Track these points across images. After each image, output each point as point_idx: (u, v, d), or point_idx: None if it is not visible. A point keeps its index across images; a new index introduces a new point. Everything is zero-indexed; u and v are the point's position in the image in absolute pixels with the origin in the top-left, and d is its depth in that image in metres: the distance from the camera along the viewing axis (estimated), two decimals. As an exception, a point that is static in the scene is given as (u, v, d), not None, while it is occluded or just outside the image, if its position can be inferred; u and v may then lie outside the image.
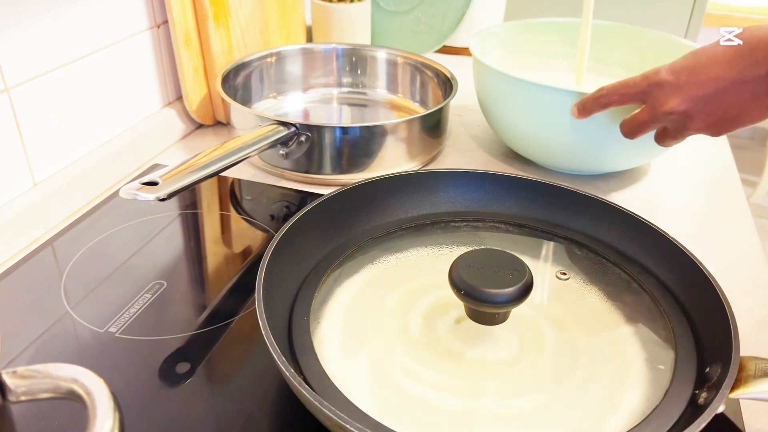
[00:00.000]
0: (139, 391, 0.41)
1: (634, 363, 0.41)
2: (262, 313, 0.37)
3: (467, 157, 0.74)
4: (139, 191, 0.45)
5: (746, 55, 0.49)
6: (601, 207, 0.51)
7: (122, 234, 0.57)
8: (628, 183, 0.70)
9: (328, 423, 0.33)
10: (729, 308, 0.40)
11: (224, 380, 0.43)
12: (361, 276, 0.48)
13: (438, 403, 0.38)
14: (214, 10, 0.72)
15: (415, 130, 0.67)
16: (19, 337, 0.45)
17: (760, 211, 2.25)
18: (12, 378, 0.26)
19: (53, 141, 0.60)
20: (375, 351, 0.42)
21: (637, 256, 0.49)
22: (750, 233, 0.62)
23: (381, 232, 0.51)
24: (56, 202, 0.59)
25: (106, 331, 0.46)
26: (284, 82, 0.84)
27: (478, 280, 0.39)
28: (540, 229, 0.53)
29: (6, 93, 0.54)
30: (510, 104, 0.66)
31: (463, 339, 0.42)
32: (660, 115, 0.54)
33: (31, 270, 0.53)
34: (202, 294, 0.52)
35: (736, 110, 0.51)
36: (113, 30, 0.65)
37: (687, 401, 0.37)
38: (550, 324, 0.44)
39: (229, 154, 0.54)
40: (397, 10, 1.02)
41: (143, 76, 0.72)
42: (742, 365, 0.36)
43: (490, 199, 0.55)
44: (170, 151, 0.74)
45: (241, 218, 0.62)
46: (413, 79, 0.84)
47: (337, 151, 0.65)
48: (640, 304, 0.46)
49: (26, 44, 0.55)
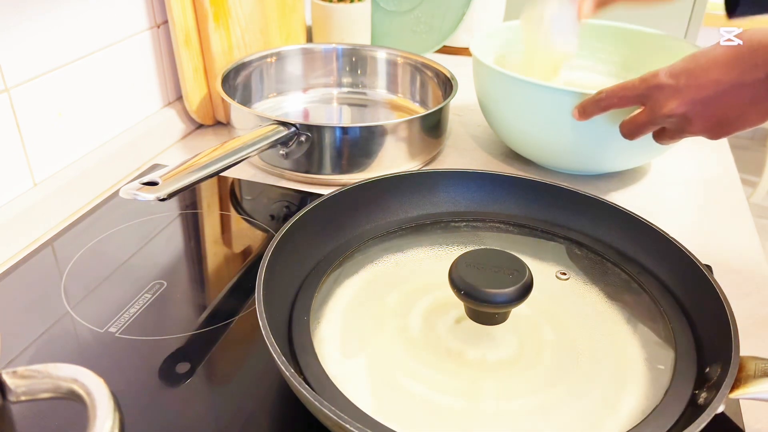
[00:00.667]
0: (139, 391, 0.41)
1: (634, 363, 0.41)
2: (262, 313, 0.37)
3: (467, 157, 0.74)
4: (139, 191, 0.45)
5: (746, 58, 0.48)
6: (601, 207, 0.51)
7: (122, 234, 0.57)
8: (628, 183, 0.70)
9: (328, 423, 0.33)
10: (729, 308, 0.40)
11: (224, 380, 0.43)
12: (361, 276, 0.48)
13: (438, 403, 0.38)
14: (214, 10, 0.72)
15: (415, 130, 0.67)
16: (19, 337, 0.45)
17: (760, 211, 2.25)
18: (12, 378, 0.26)
19: (53, 141, 0.60)
20: (375, 351, 0.42)
21: (637, 256, 0.49)
22: (750, 233, 0.62)
23: (381, 232, 0.51)
24: (56, 202, 0.59)
25: (106, 331, 0.46)
26: (284, 82, 0.84)
27: (478, 280, 0.39)
28: (540, 229, 0.53)
29: (6, 93, 0.54)
30: (510, 104, 0.66)
31: (463, 339, 0.42)
32: (659, 118, 0.54)
33: (31, 270, 0.53)
34: (202, 294, 0.52)
35: (735, 113, 0.51)
36: (113, 30, 0.65)
37: (687, 401, 0.37)
38: (550, 324, 0.44)
39: (229, 154, 0.54)
40: (397, 10, 1.02)
41: (143, 76, 0.72)
42: (742, 365, 0.36)
43: (490, 199, 0.55)
44: (170, 151, 0.74)
45: (241, 218, 0.62)
46: (413, 79, 0.84)
47: (337, 151, 0.65)
48: (640, 304, 0.46)
49: (26, 44, 0.55)
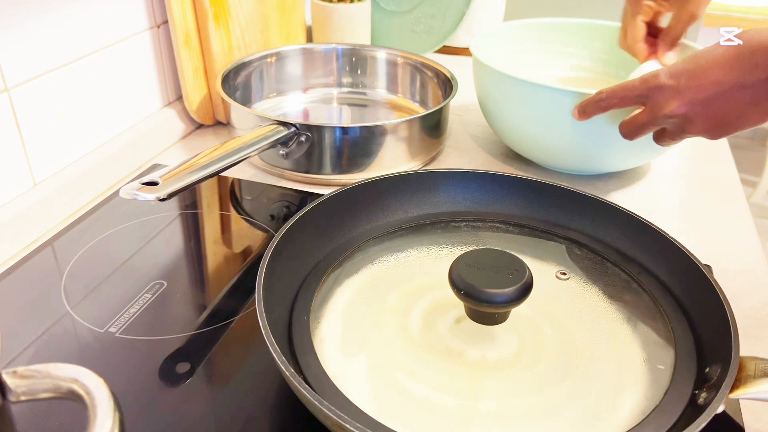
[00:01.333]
0: (139, 391, 0.41)
1: (634, 363, 0.41)
2: (262, 313, 0.37)
3: (467, 157, 0.74)
4: (139, 191, 0.45)
5: (746, 59, 0.48)
6: (601, 207, 0.51)
7: (122, 234, 0.57)
8: (628, 183, 0.70)
9: (328, 423, 0.33)
10: (729, 308, 0.40)
11: (224, 380, 0.43)
12: (361, 276, 0.48)
13: (438, 403, 0.38)
14: (214, 10, 0.72)
15: (415, 130, 0.67)
16: (19, 337, 0.45)
17: (760, 211, 2.25)
18: (12, 378, 0.26)
19: (53, 141, 0.60)
20: (375, 351, 0.42)
21: (637, 256, 0.49)
22: (750, 233, 0.62)
23: (381, 232, 0.51)
24: (56, 202, 0.59)
25: (106, 331, 0.46)
26: (284, 82, 0.84)
27: (478, 280, 0.39)
28: (540, 229, 0.53)
29: (6, 93, 0.54)
30: (510, 104, 0.66)
31: (463, 339, 0.42)
32: (659, 118, 0.54)
33: (31, 270, 0.53)
34: (202, 294, 0.52)
35: (736, 114, 0.51)
36: (113, 30, 0.65)
37: (687, 401, 0.37)
38: (550, 324, 0.44)
39: (229, 154, 0.54)
40: (397, 10, 1.02)
41: (143, 76, 0.72)
42: (742, 365, 0.36)
43: (490, 199, 0.55)
44: (170, 151, 0.74)
45: (241, 218, 0.62)
46: (413, 79, 0.84)
47: (337, 151, 0.65)
48: (640, 304, 0.46)
49: (26, 44, 0.55)
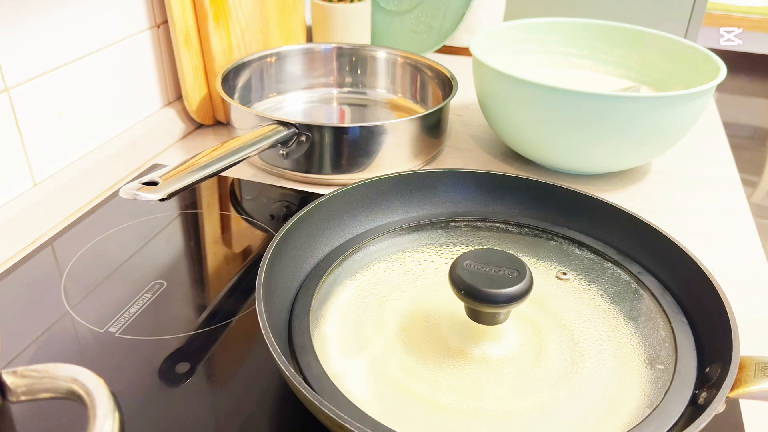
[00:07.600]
0: (139, 391, 0.41)
1: (634, 363, 0.41)
2: (262, 313, 0.37)
3: (467, 157, 0.74)
4: (139, 191, 0.45)
5: None
6: (601, 207, 0.51)
7: (122, 234, 0.57)
8: (628, 183, 0.70)
9: (328, 423, 0.33)
10: (729, 308, 0.40)
11: (224, 380, 0.43)
12: (361, 276, 0.48)
13: (438, 403, 0.38)
14: (214, 10, 0.72)
15: (415, 130, 0.67)
16: (19, 337, 0.45)
17: (760, 211, 2.25)
18: (12, 378, 0.26)
19: (53, 141, 0.60)
20: (375, 351, 0.42)
21: (637, 256, 0.49)
22: (750, 233, 0.62)
23: (381, 232, 0.51)
24: (56, 202, 0.59)
25: (106, 331, 0.46)
26: (284, 82, 0.84)
27: (478, 280, 0.39)
28: (540, 229, 0.52)
29: (6, 93, 0.54)
30: (510, 104, 0.66)
31: (463, 339, 0.42)
32: None
33: (31, 270, 0.53)
34: (202, 294, 0.52)
35: None
36: (113, 30, 0.65)
37: (687, 401, 0.37)
38: (551, 324, 0.44)
39: (229, 154, 0.54)
40: (397, 10, 1.02)
41: (143, 76, 0.72)
42: (742, 365, 0.36)
43: (490, 199, 0.55)
44: (170, 151, 0.74)
45: (241, 218, 0.62)
46: (413, 79, 0.84)
47: (337, 151, 0.65)
48: (640, 304, 0.46)
49: (26, 44, 0.55)
